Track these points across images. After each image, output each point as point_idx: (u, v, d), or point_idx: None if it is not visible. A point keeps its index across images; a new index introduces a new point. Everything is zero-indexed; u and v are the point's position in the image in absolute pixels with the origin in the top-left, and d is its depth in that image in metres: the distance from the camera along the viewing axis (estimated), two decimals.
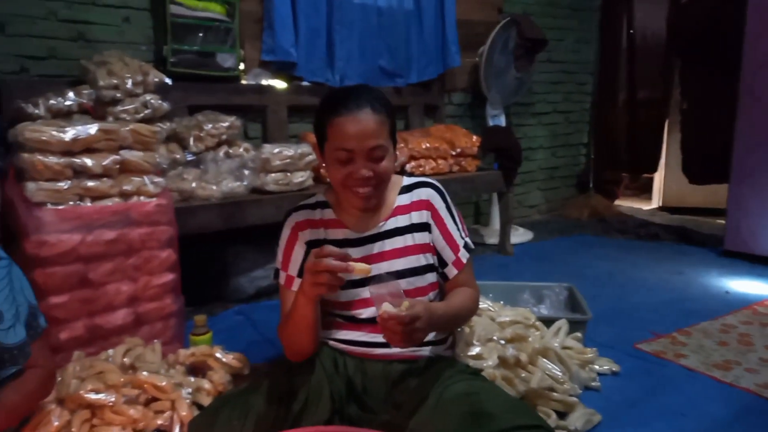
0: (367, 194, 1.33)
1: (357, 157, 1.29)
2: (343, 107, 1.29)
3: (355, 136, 1.28)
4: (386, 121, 1.32)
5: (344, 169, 1.31)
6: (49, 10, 2.52)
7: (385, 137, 1.32)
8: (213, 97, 2.94)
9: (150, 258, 2.00)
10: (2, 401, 1.17)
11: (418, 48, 3.71)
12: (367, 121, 1.28)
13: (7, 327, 1.17)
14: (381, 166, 1.32)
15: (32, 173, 1.79)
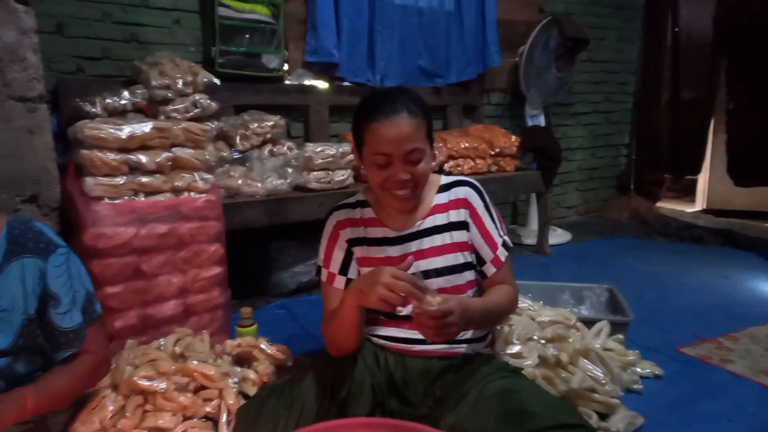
0: (405, 196, 1.35)
1: (394, 161, 1.31)
2: (379, 112, 1.30)
3: (393, 140, 1.29)
4: (423, 123, 1.33)
5: (382, 172, 1.33)
6: (104, 12, 2.64)
7: (422, 140, 1.33)
8: (258, 96, 3.02)
9: (199, 251, 2.07)
10: (49, 383, 1.22)
11: (458, 48, 3.72)
12: (403, 126, 1.29)
13: (64, 311, 1.23)
14: (418, 168, 1.33)
15: (90, 169, 1.88)
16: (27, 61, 1.73)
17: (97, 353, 1.32)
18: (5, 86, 1.70)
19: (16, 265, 1.17)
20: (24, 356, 1.21)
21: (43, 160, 1.80)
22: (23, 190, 1.78)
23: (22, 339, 1.18)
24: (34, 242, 1.20)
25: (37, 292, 1.19)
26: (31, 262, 1.18)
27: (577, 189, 4.98)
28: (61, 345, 1.25)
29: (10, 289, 1.17)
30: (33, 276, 1.19)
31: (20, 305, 1.18)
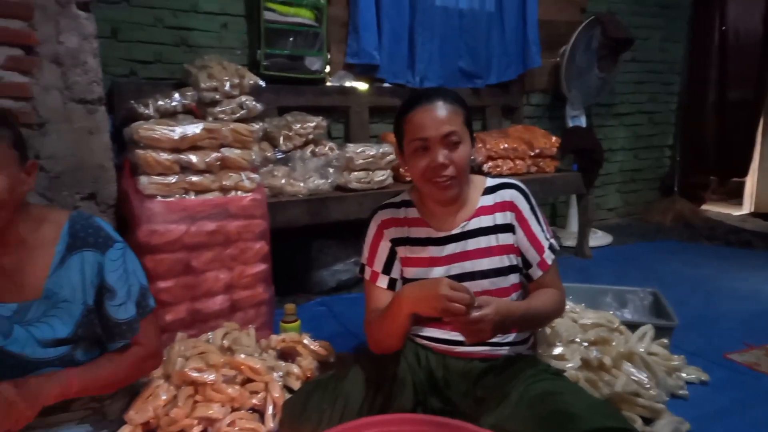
0: (445, 183, 1.36)
1: (433, 145, 1.34)
2: (416, 103, 1.37)
3: (429, 124, 1.33)
4: (459, 111, 1.37)
5: (422, 160, 1.35)
6: (156, 17, 2.74)
7: (459, 126, 1.35)
8: (300, 98, 3.08)
9: (245, 249, 2.13)
10: (95, 368, 1.28)
11: (499, 49, 3.71)
12: (439, 110, 1.34)
13: (118, 303, 1.29)
14: (457, 153, 1.35)
15: (145, 168, 1.96)
16: (87, 65, 1.82)
17: (147, 346, 1.37)
18: (67, 89, 1.79)
19: (76, 258, 1.23)
20: (83, 345, 1.27)
21: (101, 159, 1.89)
22: (83, 188, 1.87)
23: (82, 328, 1.25)
24: (93, 237, 1.26)
25: (95, 284, 1.25)
26: (91, 255, 1.24)
27: (619, 191, 4.89)
28: (115, 336, 1.31)
29: (71, 281, 1.23)
30: (92, 269, 1.25)
31: (80, 296, 1.24)
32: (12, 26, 1.68)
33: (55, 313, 1.22)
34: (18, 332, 1.19)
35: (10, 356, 1.18)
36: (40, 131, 1.76)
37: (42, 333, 1.20)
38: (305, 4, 2.96)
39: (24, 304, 1.20)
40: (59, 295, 1.22)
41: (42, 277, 1.21)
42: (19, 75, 1.71)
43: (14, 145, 1.13)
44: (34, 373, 1.21)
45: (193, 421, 1.56)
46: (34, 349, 1.20)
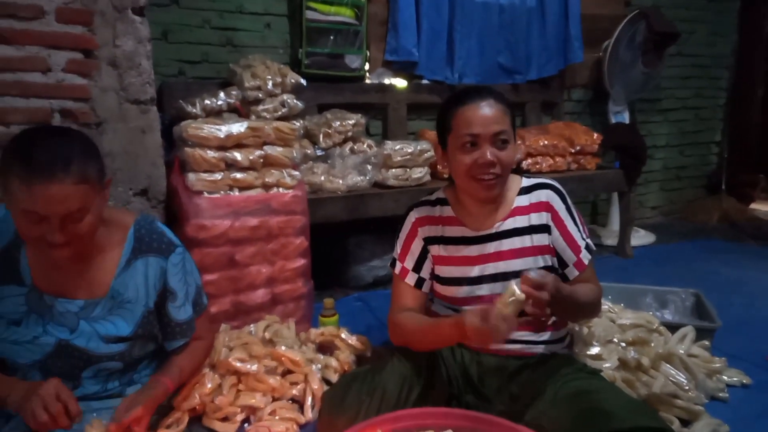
0: (490, 182, 1.36)
1: (482, 142, 1.35)
2: (468, 97, 1.38)
3: (481, 121, 1.34)
4: (507, 111, 1.38)
5: (469, 156, 1.36)
6: (204, 19, 2.84)
7: (508, 125, 1.37)
8: (340, 96, 3.13)
9: (286, 244, 2.20)
10: (179, 367, 1.38)
11: (539, 44, 3.68)
12: (491, 108, 1.35)
13: (179, 305, 1.37)
14: (505, 153, 1.36)
15: (193, 165, 2.05)
16: (141, 67, 1.91)
17: (207, 338, 1.49)
18: (123, 90, 1.89)
19: (141, 262, 1.31)
20: (140, 342, 1.35)
21: (153, 157, 1.99)
22: (136, 185, 1.97)
23: (141, 328, 1.32)
24: (157, 242, 1.33)
25: (157, 287, 1.33)
26: (155, 260, 1.32)
27: (662, 189, 4.77)
28: (175, 335, 1.40)
29: (135, 283, 1.31)
30: (155, 273, 1.32)
31: (143, 298, 1.32)
32: (73, 31, 1.79)
33: (118, 312, 1.30)
34: (83, 327, 1.26)
35: (75, 349, 1.26)
36: (97, 130, 1.87)
37: (105, 330, 1.28)
38: (346, 2, 3.01)
39: (90, 302, 1.27)
40: (123, 296, 1.29)
41: (108, 277, 1.28)
42: (79, 77, 1.82)
43: (98, 177, 1.16)
44: (94, 366, 1.29)
45: (237, 408, 1.63)
46: (97, 344, 1.27)
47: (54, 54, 1.78)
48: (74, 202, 1.09)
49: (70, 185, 1.08)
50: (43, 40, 1.75)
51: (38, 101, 1.77)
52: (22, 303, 1.23)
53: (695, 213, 4.77)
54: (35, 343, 1.24)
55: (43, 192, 1.06)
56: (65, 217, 1.09)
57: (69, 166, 1.08)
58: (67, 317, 1.25)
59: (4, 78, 1.72)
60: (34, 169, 1.05)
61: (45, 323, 1.24)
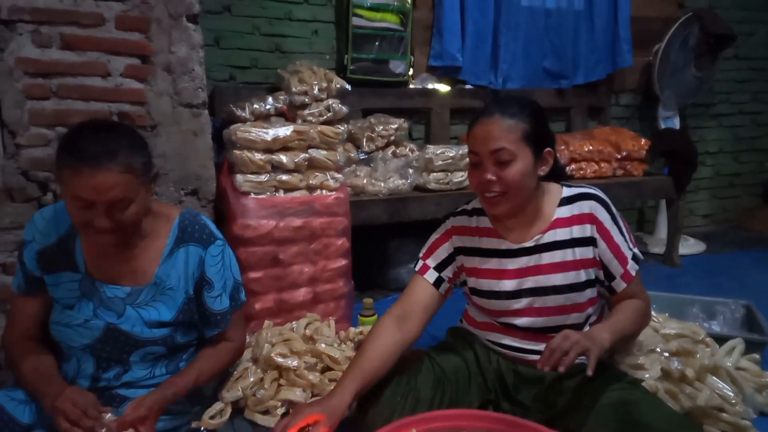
0: (494, 199, 1.33)
1: (482, 161, 1.32)
2: (481, 114, 1.34)
3: (480, 139, 1.31)
4: (517, 127, 1.30)
5: (475, 175, 1.35)
6: (254, 26, 2.94)
7: (513, 142, 1.29)
8: (383, 100, 3.17)
9: (328, 244, 2.25)
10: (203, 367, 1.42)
11: (587, 48, 3.63)
12: (491, 125, 1.29)
13: (215, 295, 1.42)
14: (507, 172, 1.29)
15: (241, 167, 2.12)
16: (194, 72, 2.00)
17: (235, 341, 1.52)
18: (176, 94, 1.98)
19: (182, 251, 1.37)
20: (182, 329, 1.42)
21: (204, 159, 2.07)
22: (187, 185, 2.06)
23: (182, 314, 1.39)
24: (198, 233, 1.39)
25: (195, 276, 1.39)
26: (194, 250, 1.38)
27: (714, 196, 4.60)
28: (210, 324, 1.45)
29: (177, 271, 1.37)
30: (194, 262, 1.38)
31: (183, 285, 1.38)
32: (131, 38, 1.89)
33: (161, 299, 1.36)
34: (129, 312, 1.34)
35: (121, 333, 1.33)
36: (152, 133, 1.96)
37: (149, 315, 1.35)
38: (392, 9, 3.05)
39: (136, 288, 1.34)
40: (166, 283, 1.36)
41: (153, 265, 1.35)
42: (136, 82, 1.92)
43: (143, 168, 1.21)
44: (140, 350, 1.36)
45: (278, 402, 1.68)
46: (141, 329, 1.34)
47: (113, 59, 1.88)
48: (119, 191, 1.15)
49: (115, 174, 1.14)
50: (104, 46, 1.86)
51: (98, 104, 1.88)
52: (76, 288, 1.32)
53: (750, 222, 4.58)
54: (86, 326, 1.31)
55: (89, 179, 1.12)
56: (111, 204, 1.16)
57: (115, 155, 1.14)
58: (115, 302, 1.33)
59: (67, 82, 1.83)
60: (82, 157, 1.12)
61: (95, 308, 1.32)
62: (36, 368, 1.29)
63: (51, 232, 1.32)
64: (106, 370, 1.35)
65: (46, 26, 1.77)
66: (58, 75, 1.80)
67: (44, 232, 1.31)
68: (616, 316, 1.36)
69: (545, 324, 1.42)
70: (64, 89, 1.82)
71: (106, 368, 1.35)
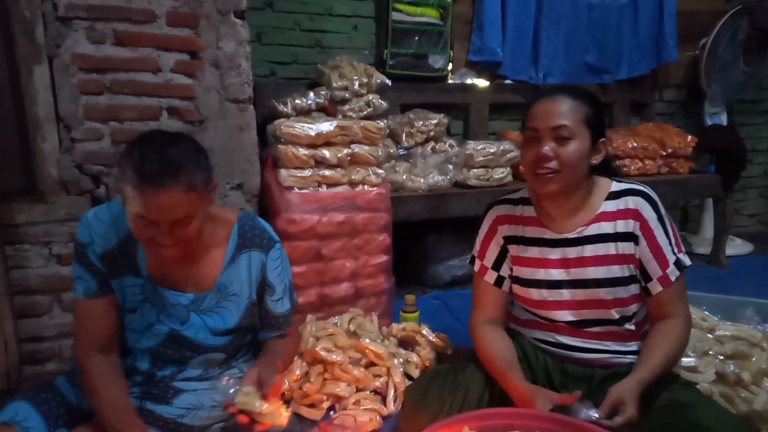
0: (546, 177, 1.31)
1: (542, 136, 1.31)
2: (543, 95, 1.36)
3: (541, 115, 1.31)
4: (580, 108, 1.31)
5: (531, 150, 1.33)
6: (295, 21, 2.95)
7: (574, 122, 1.30)
8: (422, 95, 3.16)
9: (369, 240, 2.25)
10: (283, 355, 1.43)
11: (631, 42, 3.55)
12: (555, 103, 1.31)
13: (277, 298, 1.42)
14: (566, 149, 1.30)
15: (285, 162, 2.13)
16: (241, 67, 2.02)
17: (296, 335, 1.54)
18: (224, 89, 2.00)
19: (244, 256, 1.37)
20: (241, 333, 1.42)
21: (249, 153, 2.09)
22: (232, 179, 2.08)
23: (245, 320, 1.39)
24: (259, 238, 1.38)
25: (257, 280, 1.38)
26: (257, 255, 1.37)
27: (762, 195, 4.45)
28: (272, 327, 1.45)
29: (240, 277, 1.36)
30: (257, 267, 1.37)
31: (246, 291, 1.37)
32: (181, 34, 1.92)
33: (225, 305, 1.36)
34: (194, 319, 1.34)
35: (185, 340, 1.34)
36: (200, 127, 1.99)
37: (214, 322, 1.35)
38: (432, 3, 3.03)
39: (199, 295, 1.34)
40: (229, 289, 1.36)
41: (215, 271, 1.35)
42: (185, 77, 1.94)
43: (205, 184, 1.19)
44: (201, 355, 1.37)
45: (323, 396, 1.69)
46: (205, 336, 1.35)
47: (164, 55, 1.91)
48: (182, 210, 1.14)
49: (178, 193, 1.12)
50: (155, 42, 1.89)
51: (148, 99, 1.91)
52: (138, 293, 1.31)
53: None
54: (150, 331, 1.32)
55: (152, 199, 1.10)
56: (173, 222, 1.15)
57: (178, 175, 1.11)
58: (179, 309, 1.33)
59: (119, 77, 1.87)
60: (145, 177, 1.10)
61: (158, 313, 1.32)
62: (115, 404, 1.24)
63: (110, 234, 1.29)
64: (162, 369, 1.36)
65: (101, 22, 1.80)
66: (111, 71, 1.84)
67: (103, 235, 1.28)
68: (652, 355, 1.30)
69: (586, 317, 1.40)
70: (116, 85, 1.86)
71: (162, 367, 1.36)
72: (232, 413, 1.16)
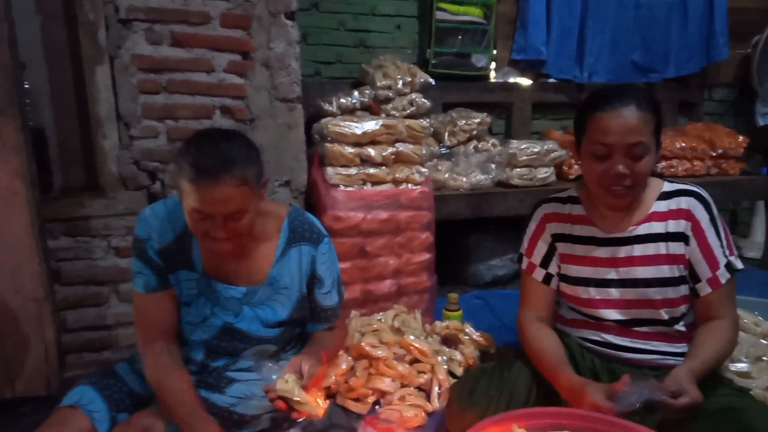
0: (620, 193, 1.30)
1: (615, 153, 1.27)
2: (606, 103, 1.28)
3: (616, 131, 1.26)
4: (651, 119, 1.28)
5: (600, 165, 1.29)
6: (340, 21, 3.00)
7: (648, 136, 1.27)
8: (464, 95, 3.15)
9: (412, 238, 2.27)
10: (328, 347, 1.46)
11: (679, 40, 3.47)
12: (629, 117, 1.25)
13: (326, 292, 1.45)
14: (639, 165, 1.27)
15: (331, 160, 2.17)
16: (290, 67, 2.06)
17: (344, 330, 1.57)
18: (274, 89, 2.05)
19: (295, 250, 1.40)
20: (292, 326, 1.46)
21: (297, 151, 2.14)
22: (281, 176, 2.13)
23: (296, 312, 1.43)
24: (308, 232, 1.42)
25: (307, 274, 1.42)
26: (307, 249, 1.41)
27: None
28: (321, 319, 1.49)
29: (290, 270, 1.40)
30: (306, 260, 1.41)
31: (297, 284, 1.41)
32: (234, 35, 1.97)
33: (276, 298, 1.41)
34: (246, 312, 1.39)
35: (238, 332, 1.38)
36: (250, 125, 2.04)
37: (265, 315, 1.40)
38: (476, 2, 3.03)
39: (251, 288, 1.38)
40: (280, 283, 1.40)
41: (267, 265, 1.39)
42: (237, 77, 2.00)
43: (257, 179, 1.23)
44: (253, 347, 1.41)
45: (368, 391, 1.72)
46: (257, 328, 1.39)
47: (217, 56, 1.97)
48: (235, 203, 1.18)
49: (231, 188, 1.16)
50: (209, 43, 1.95)
51: (202, 98, 1.97)
52: (193, 287, 1.37)
53: None
54: (205, 324, 1.37)
55: (207, 193, 1.15)
56: (227, 216, 1.19)
57: (231, 170, 1.16)
58: (232, 302, 1.37)
59: (175, 77, 1.93)
60: (200, 172, 1.14)
61: (212, 306, 1.37)
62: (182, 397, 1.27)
63: (167, 230, 1.33)
64: (215, 360, 1.41)
65: (159, 24, 1.87)
66: (167, 71, 1.91)
67: (161, 231, 1.33)
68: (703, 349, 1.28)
69: (634, 316, 1.39)
70: (172, 84, 1.92)
71: (216, 358, 1.41)
72: (271, 399, 1.19)
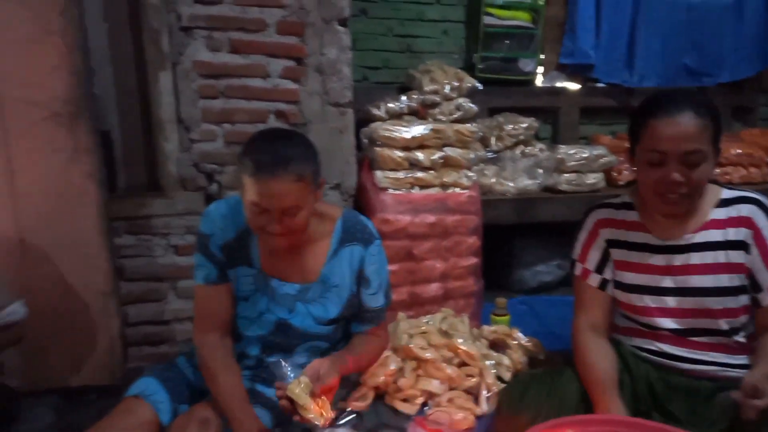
0: (675, 201, 1.28)
1: (670, 161, 1.25)
2: (661, 109, 1.26)
3: (671, 138, 1.23)
4: (709, 126, 1.25)
5: (655, 172, 1.27)
6: (387, 27, 3.03)
7: (705, 143, 1.24)
8: (510, 99, 3.14)
9: (459, 242, 2.28)
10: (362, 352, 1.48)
11: (733, 43, 3.37)
12: (685, 125, 1.23)
13: (372, 293, 1.47)
14: (696, 172, 1.24)
15: (380, 164, 2.21)
16: (342, 73, 2.11)
17: (383, 338, 1.57)
18: (325, 94, 2.10)
19: (346, 250, 1.43)
20: (343, 324, 1.49)
21: (347, 155, 2.18)
22: (331, 179, 2.18)
23: (346, 310, 1.46)
24: (360, 233, 1.45)
25: (356, 273, 1.45)
26: (357, 249, 1.44)
27: None
28: (365, 320, 1.51)
29: (342, 269, 1.43)
30: (357, 260, 1.44)
31: (347, 283, 1.44)
32: (288, 41, 2.03)
33: (328, 296, 1.44)
34: (299, 308, 1.43)
35: (291, 328, 1.43)
36: (303, 130, 2.09)
37: (318, 312, 1.43)
38: (524, 6, 3.02)
39: (305, 286, 1.42)
40: (332, 281, 1.43)
41: (320, 263, 1.42)
42: (291, 82, 2.06)
43: (313, 177, 1.27)
44: (305, 343, 1.45)
45: (417, 392, 1.73)
46: (310, 324, 1.43)
47: (272, 62, 2.03)
48: (291, 198, 1.22)
49: (288, 183, 1.21)
50: (265, 49, 2.01)
51: (258, 103, 2.04)
52: (251, 283, 1.41)
53: None
54: (261, 319, 1.42)
55: (265, 187, 1.20)
56: (283, 210, 1.23)
57: (288, 165, 1.20)
58: (286, 299, 1.42)
59: (233, 83, 2.01)
60: (259, 166, 1.20)
61: (268, 302, 1.41)
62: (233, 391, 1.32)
63: (229, 227, 1.38)
64: (270, 355, 1.45)
65: (218, 32, 1.95)
66: (225, 76, 1.98)
67: (223, 228, 1.38)
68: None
69: (691, 326, 1.36)
70: (230, 89, 2.00)
71: (270, 354, 1.45)
72: (278, 396, 1.22)
